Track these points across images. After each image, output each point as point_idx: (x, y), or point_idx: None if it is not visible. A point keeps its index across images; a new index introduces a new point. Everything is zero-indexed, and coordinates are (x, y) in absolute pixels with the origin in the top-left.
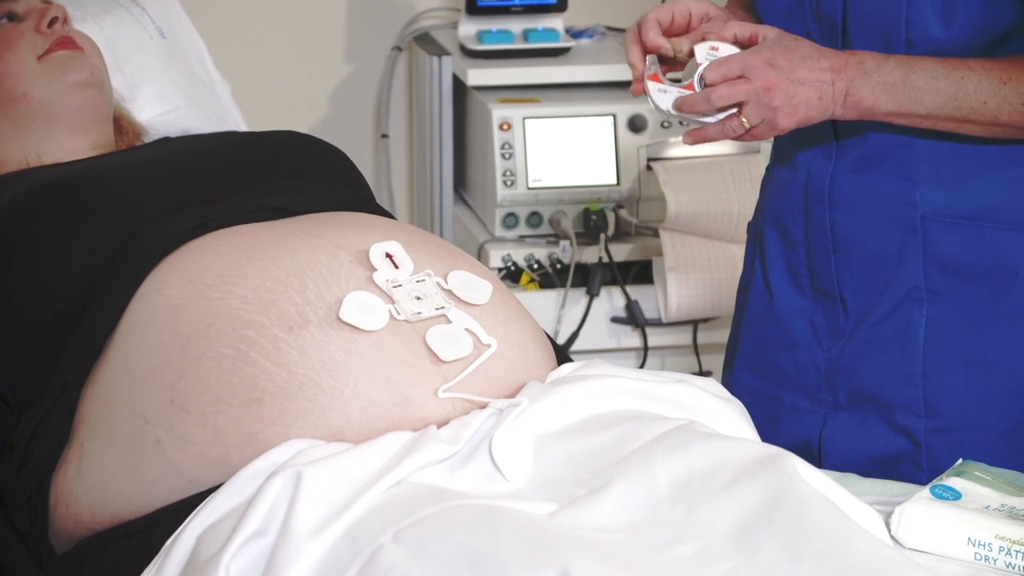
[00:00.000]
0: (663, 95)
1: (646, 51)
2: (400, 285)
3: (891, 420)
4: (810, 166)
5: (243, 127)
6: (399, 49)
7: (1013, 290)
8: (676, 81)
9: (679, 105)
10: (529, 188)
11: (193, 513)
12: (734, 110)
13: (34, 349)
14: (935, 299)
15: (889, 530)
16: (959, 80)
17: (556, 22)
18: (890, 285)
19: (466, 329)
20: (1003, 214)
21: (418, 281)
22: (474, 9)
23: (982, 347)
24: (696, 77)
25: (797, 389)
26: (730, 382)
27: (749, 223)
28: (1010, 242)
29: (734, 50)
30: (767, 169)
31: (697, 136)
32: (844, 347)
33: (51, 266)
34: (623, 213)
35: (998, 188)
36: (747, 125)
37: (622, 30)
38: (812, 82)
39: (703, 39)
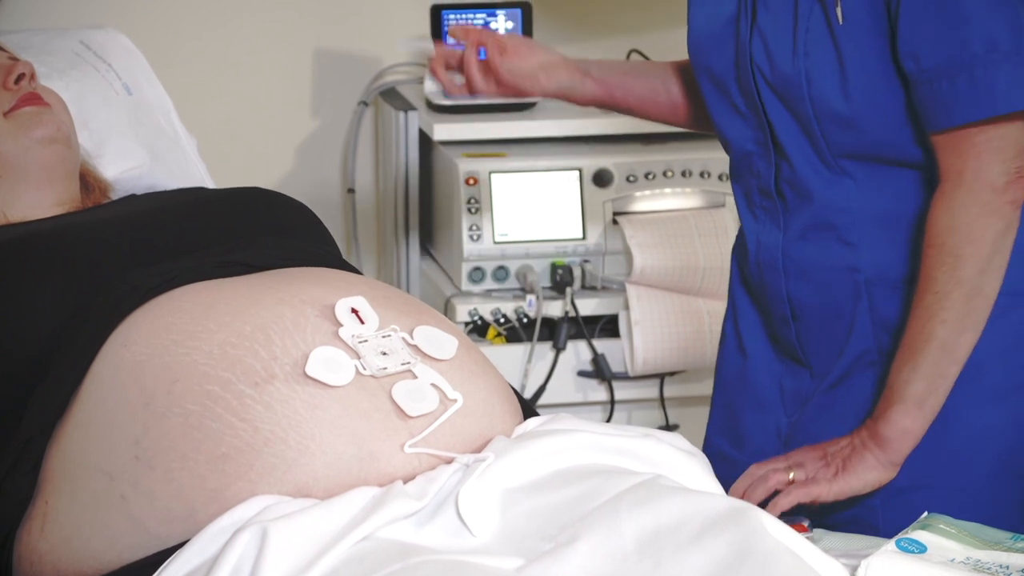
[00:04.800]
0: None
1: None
2: (366, 340)
3: None
4: (759, 238)
5: (209, 182)
6: (365, 104)
7: None
8: None
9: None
10: (495, 242)
11: (159, 570)
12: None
13: None
14: (887, 361)
15: None
16: (904, 345)
17: None
18: (844, 350)
19: (432, 384)
20: None
21: (384, 336)
22: None
23: None
24: None
25: (757, 454)
26: (705, 445)
27: None
28: None
29: None
30: (739, 232)
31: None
32: (802, 413)
33: (14, 322)
34: (589, 267)
35: None
36: (791, 477)
37: None
38: (842, 441)
39: None
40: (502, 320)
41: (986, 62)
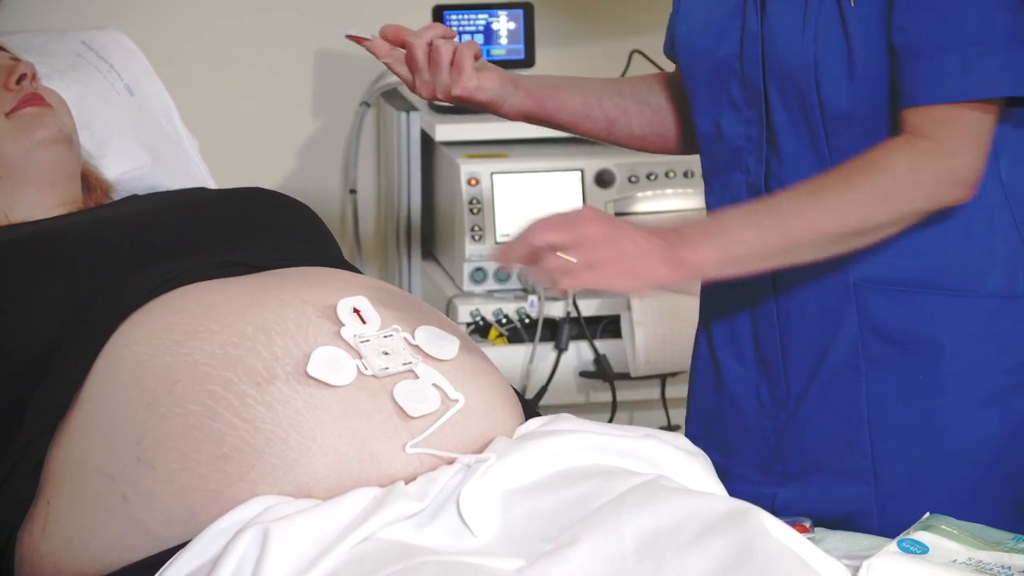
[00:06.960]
0: None
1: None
2: (368, 340)
3: (841, 489)
4: None
5: (211, 183)
6: (367, 104)
7: (943, 356)
8: None
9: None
10: (497, 243)
11: (159, 571)
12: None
13: None
14: (873, 366)
15: None
16: (772, 204)
17: None
18: (829, 352)
19: (433, 384)
20: (930, 279)
21: (386, 336)
22: None
23: (921, 414)
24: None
25: (747, 461)
26: None
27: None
28: (938, 308)
29: None
30: None
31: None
32: (791, 416)
33: (14, 322)
34: None
35: (924, 253)
36: (564, 258)
37: None
38: (637, 236)
39: None
40: (504, 321)
41: (984, 43)
